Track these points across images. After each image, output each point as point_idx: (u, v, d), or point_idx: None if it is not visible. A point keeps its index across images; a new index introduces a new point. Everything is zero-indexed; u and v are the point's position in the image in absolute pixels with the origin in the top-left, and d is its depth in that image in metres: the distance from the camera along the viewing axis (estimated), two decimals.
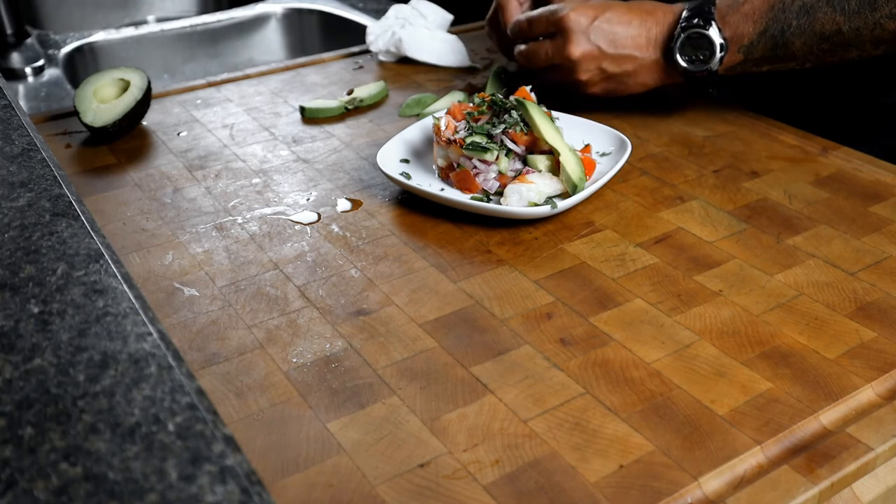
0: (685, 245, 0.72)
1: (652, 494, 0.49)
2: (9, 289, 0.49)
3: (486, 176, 0.77)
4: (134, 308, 0.48)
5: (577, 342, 0.61)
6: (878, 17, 0.77)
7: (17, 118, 0.70)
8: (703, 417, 0.54)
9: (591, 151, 0.82)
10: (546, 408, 0.55)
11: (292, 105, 1.00)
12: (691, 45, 0.85)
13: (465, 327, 0.62)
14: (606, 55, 0.87)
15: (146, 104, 0.94)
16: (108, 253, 0.53)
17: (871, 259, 0.69)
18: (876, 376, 0.57)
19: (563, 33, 0.88)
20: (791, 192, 0.79)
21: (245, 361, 0.59)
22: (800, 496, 0.49)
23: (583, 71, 0.88)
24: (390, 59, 1.13)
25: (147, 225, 0.76)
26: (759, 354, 0.59)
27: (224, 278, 0.68)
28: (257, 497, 0.36)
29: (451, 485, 0.49)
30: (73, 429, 0.39)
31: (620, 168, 0.79)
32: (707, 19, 0.84)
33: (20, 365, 0.43)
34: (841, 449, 0.52)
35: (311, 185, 0.83)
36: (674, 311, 0.64)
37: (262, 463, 0.51)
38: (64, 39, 1.33)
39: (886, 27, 0.77)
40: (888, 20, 0.77)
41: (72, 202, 0.58)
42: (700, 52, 0.85)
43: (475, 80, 1.07)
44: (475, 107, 0.81)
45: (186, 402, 0.41)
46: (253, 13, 1.46)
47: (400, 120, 0.96)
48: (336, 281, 0.68)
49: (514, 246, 0.72)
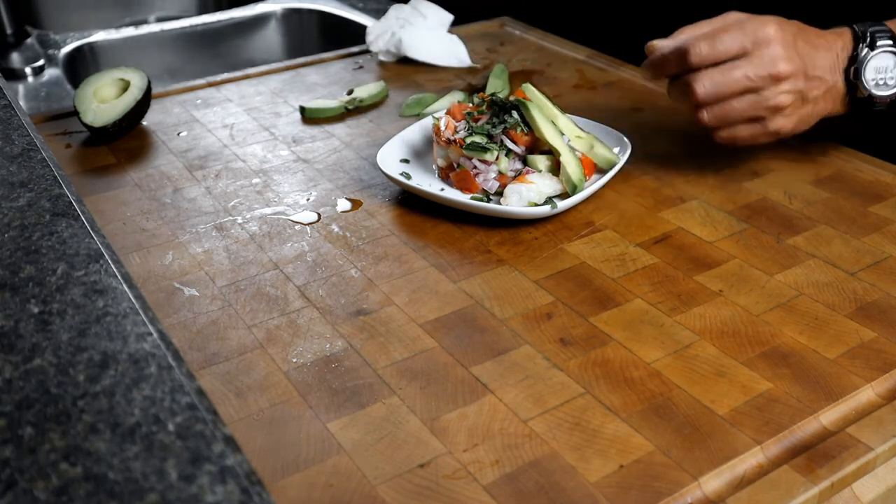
0: (685, 245, 0.72)
1: (652, 494, 0.49)
2: (9, 289, 0.49)
3: (486, 176, 0.77)
4: (134, 308, 0.47)
5: (577, 342, 0.61)
6: None
7: (17, 118, 0.70)
8: (703, 417, 0.54)
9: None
10: (546, 408, 0.55)
11: (292, 105, 1.01)
12: (874, 65, 0.77)
13: (465, 327, 0.62)
14: (807, 76, 0.76)
15: (146, 104, 0.94)
16: (108, 253, 0.53)
17: (871, 259, 0.69)
18: (876, 376, 0.57)
19: (769, 46, 0.74)
20: (791, 192, 0.79)
21: (245, 361, 0.59)
22: (800, 496, 0.49)
23: (786, 92, 0.75)
24: (390, 59, 1.13)
25: (147, 225, 0.76)
26: (759, 354, 0.59)
27: (224, 278, 0.68)
28: (257, 497, 0.36)
29: (451, 485, 0.49)
30: (73, 429, 0.39)
31: (620, 168, 0.79)
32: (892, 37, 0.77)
33: (20, 365, 0.43)
34: (841, 449, 0.52)
35: (311, 185, 0.83)
36: (674, 311, 0.64)
37: (262, 463, 0.51)
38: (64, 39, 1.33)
39: None
40: None
41: (72, 202, 0.58)
42: (886, 70, 0.77)
43: (475, 80, 1.07)
44: (475, 107, 0.81)
45: (186, 402, 0.41)
46: (253, 13, 1.46)
47: (400, 120, 0.96)
48: (336, 281, 0.68)
49: (514, 246, 0.72)
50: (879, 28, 0.77)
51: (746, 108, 0.76)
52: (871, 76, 0.77)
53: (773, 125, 0.77)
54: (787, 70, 0.74)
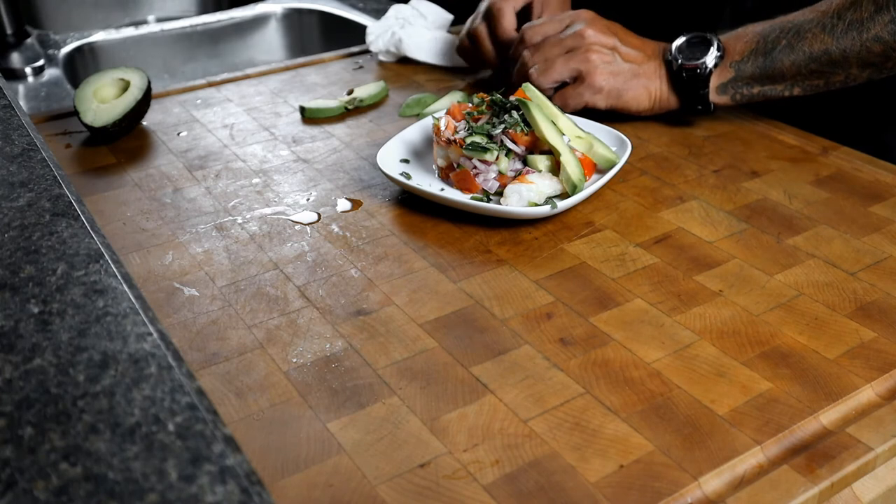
0: (685, 245, 0.72)
1: (652, 494, 0.49)
2: (9, 289, 0.49)
3: (486, 176, 0.77)
4: (134, 308, 0.47)
5: (577, 342, 0.61)
6: (865, 38, 0.79)
7: (17, 118, 0.70)
8: (703, 417, 0.54)
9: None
10: (546, 408, 0.55)
11: (292, 105, 1.00)
12: (689, 48, 0.88)
13: (465, 327, 0.62)
14: (617, 48, 0.89)
15: (146, 104, 0.94)
16: (108, 253, 0.53)
17: (871, 259, 0.69)
18: (876, 376, 0.57)
19: (581, 17, 0.91)
20: (791, 192, 0.79)
21: (245, 361, 0.59)
22: (800, 496, 0.49)
23: (595, 51, 0.89)
24: (390, 59, 1.13)
25: (147, 225, 0.76)
26: (759, 354, 0.59)
27: (224, 278, 0.68)
28: (257, 497, 0.36)
29: (451, 485, 0.49)
30: (73, 429, 0.39)
31: (620, 168, 0.79)
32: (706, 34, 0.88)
33: (20, 365, 0.43)
34: (841, 449, 0.52)
35: (311, 185, 0.83)
36: (674, 311, 0.64)
37: (262, 463, 0.51)
38: (64, 39, 1.33)
39: (873, 49, 0.80)
40: (875, 43, 0.79)
41: (72, 202, 0.58)
42: (697, 51, 0.87)
43: (475, 80, 1.07)
44: (474, 107, 0.81)
45: (186, 402, 0.41)
46: (253, 13, 1.46)
47: (400, 120, 0.96)
48: (336, 281, 0.68)
49: (514, 246, 0.72)
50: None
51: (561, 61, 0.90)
52: (681, 54, 0.88)
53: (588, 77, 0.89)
54: (593, 28, 0.89)
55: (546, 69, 0.90)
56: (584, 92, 0.89)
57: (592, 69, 0.89)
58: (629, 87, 0.90)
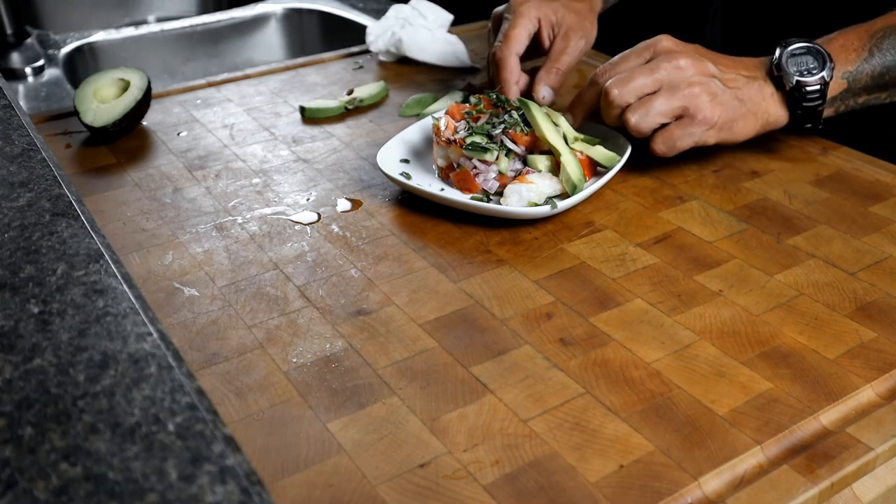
0: (685, 245, 0.72)
1: (652, 494, 0.49)
2: (9, 289, 0.49)
3: (486, 176, 0.77)
4: (134, 308, 0.48)
5: (577, 342, 0.61)
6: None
7: (17, 118, 0.70)
8: (703, 417, 0.54)
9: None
10: (546, 408, 0.55)
11: (292, 105, 1.01)
12: (794, 61, 0.81)
13: (465, 327, 0.62)
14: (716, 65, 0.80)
15: (146, 104, 0.94)
16: (108, 253, 0.53)
17: (871, 259, 0.69)
18: (876, 376, 0.57)
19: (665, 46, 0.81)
20: (791, 192, 0.79)
21: (245, 361, 0.59)
22: (800, 496, 0.49)
23: (695, 76, 0.79)
24: (390, 59, 1.13)
25: (147, 225, 0.76)
26: (759, 354, 0.59)
27: (224, 278, 0.68)
28: (257, 497, 0.36)
29: (451, 485, 0.49)
30: (73, 429, 0.39)
31: (620, 168, 0.79)
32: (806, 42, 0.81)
33: (20, 365, 0.43)
34: (841, 449, 0.52)
35: (311, 185, 0.83)
36: (674, 311, 0.64)
37: (262, 463, 0.51)
38: (64, 39, 1.33)
39: None
40: None
41: (72, 202, 0.58)
42: (806, 65, 0.80)
43: (475, 80, 1.07)
44: (472, 106, 0.81)
45: (186, 402, 0.41)
46: (253, 13, 1.46)
47: (400, 120, 0.96)
48: (336, 281, 0.68)
49: (514, 246, 0.72)
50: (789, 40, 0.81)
51: (663, 100, 0.78)
52: (793, 68, 0.80)
53: (698, 114, 0.78)
54: (686, 57, 0.79)
55: (647, 112, 0.78)
56: (694, 130, 0.79)
57: (702, 104, 0.78)
58: (738, 116, 0.80)
